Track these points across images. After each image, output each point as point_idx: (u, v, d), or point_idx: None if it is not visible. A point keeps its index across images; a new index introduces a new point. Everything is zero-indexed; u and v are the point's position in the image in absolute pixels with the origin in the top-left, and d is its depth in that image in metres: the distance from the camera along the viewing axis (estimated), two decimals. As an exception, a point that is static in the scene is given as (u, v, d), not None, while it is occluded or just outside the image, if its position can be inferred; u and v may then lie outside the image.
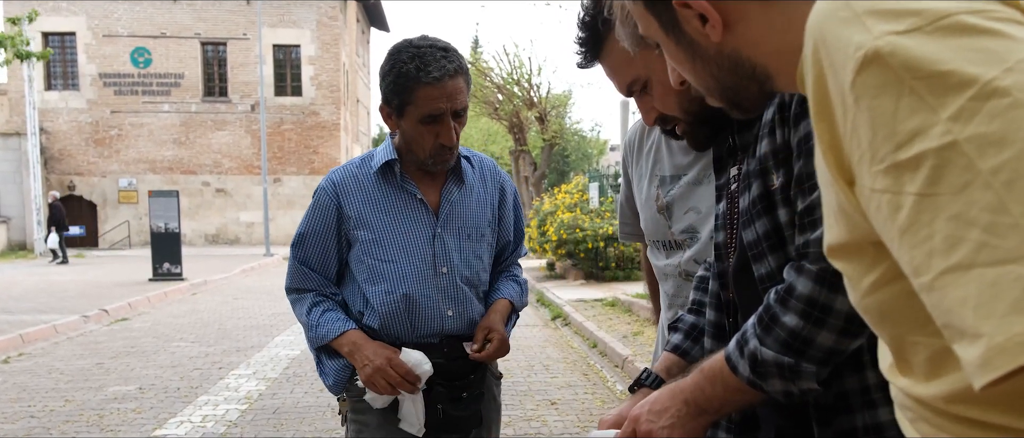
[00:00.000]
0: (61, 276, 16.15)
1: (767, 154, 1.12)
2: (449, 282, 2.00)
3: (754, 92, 0.86)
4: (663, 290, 1.93)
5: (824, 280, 1.00)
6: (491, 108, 22.02)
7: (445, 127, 1.88)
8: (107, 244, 27.40)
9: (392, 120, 1.93)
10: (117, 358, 7.64)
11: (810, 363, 1.03)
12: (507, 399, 5.71)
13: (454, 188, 2.04)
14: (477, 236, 2.06)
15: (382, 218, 1.98)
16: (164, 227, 15.02)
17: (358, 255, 1.99)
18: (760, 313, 1.07)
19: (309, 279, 2.03)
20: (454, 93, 1.86)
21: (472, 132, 32.14)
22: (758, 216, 1.14)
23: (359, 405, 2.01)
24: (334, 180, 2.02)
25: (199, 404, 5.80)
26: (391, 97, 1.88)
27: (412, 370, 1.90)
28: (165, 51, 27.73)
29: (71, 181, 27.55)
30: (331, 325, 1.98)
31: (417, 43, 1.87)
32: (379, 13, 37.54)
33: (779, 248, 1.12)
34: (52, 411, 5.67)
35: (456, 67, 1.87)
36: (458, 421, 1.99)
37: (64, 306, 10.98)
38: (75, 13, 27.17)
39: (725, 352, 1.11)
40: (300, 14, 28.33)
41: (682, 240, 1.82)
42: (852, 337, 1.02)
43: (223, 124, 28.22)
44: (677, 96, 1.25)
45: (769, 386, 1.06)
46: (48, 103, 27.13)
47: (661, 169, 1.88)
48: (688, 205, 1.81)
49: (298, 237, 2.04)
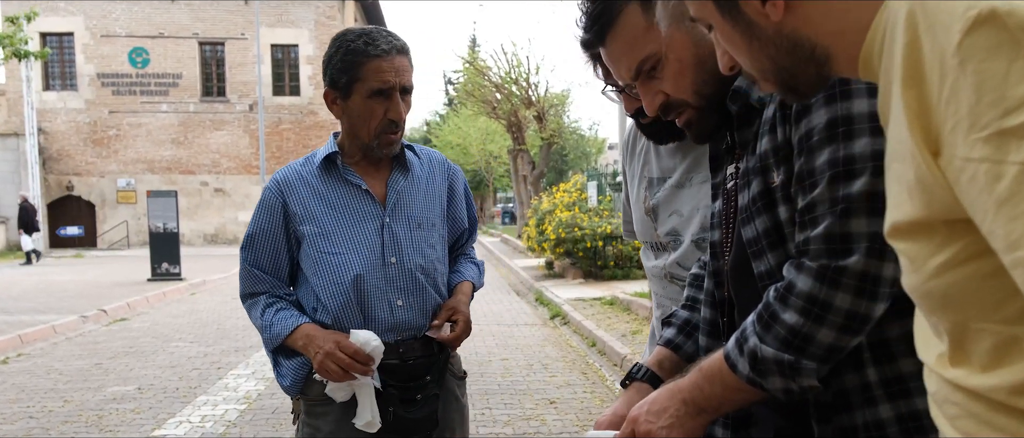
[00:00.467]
0: (60, 276, 16.14)
1: (768, 151, 1.12)
2: (398, 272, 1.97)
3: (812, 75, 0.83)
4: (653, 289, 1.95)
5: (824, 277, 1.01)
6: (489, 107, 22.01)
7: (394, 102, 1.90)
8: (106, 244, 27.36)
9: (338, 105, 1.94)
10: (116, 358, 7.64)
11: (810, 360, 1.03)
12: (507, 398, 5.71)
13: (400, 177, 2.03)
14: (428, 225, 2.04)
15: (327, 211, 1.97)
16: (163, 227, 15.00)
17: (306, 250, 1.97)
18: (760, 311, 1.07)
19: (261, 282, 2.02)
20: (401, 69, 1.89)
21: (471, 131, 32.12)
22: (758, 213, 1.14)
23: (315, 409, 1.98)
24: (278, 179, 2.01)
25: (198, 404, 5.80)
26: (339, 76, 1.90)
27: (361, 349, 1.86)
28: (163, 51, 27.69)
29: (69, 181, 27.52)
30: (284, 322, 1.96)
31: (361, 26, 1.94)
32: (377, 13, 37.51)
33: (779, 245, 1.13)
34: (51, 411, 5.67)
35: (402, 45, 1.90)
36: (409, 424, 1.95)
37: (63, 306, 10.97)
38: (73, 13, 27.13)
39: (724, 350, 1.11)
40: (298, 14, 28.31)
41: (667, 243, 1.83)
42: (853, 334, 1.02)
43: (221, 124, 28.20)
44: (693, 76, 1.21)
45: (769, 384, 1.06)
46: (46, 103, 27.09)
47: (649, 171, 1.89)
48: (672, 208, 1.82)
49: (247, 239, 2.02)
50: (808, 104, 1.05)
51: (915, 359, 1.03)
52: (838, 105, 1.02)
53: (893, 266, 0.99)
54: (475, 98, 22.18)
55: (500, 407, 5.53)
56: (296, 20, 28.39)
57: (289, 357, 1.99)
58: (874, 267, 0.99)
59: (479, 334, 8.50)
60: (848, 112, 1.01)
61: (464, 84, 24.36)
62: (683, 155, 1.83)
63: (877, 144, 0.98)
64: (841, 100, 1.02)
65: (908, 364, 1.05)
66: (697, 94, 1.22)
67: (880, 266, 0.99)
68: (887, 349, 1.07)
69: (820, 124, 1.03)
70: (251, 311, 2.05)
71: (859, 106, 1.01)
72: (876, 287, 1.00)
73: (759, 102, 1.15)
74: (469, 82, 22.84)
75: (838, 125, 1.02)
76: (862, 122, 1.00)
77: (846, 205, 1.00)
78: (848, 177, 1.00)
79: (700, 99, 1.23)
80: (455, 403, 2.09)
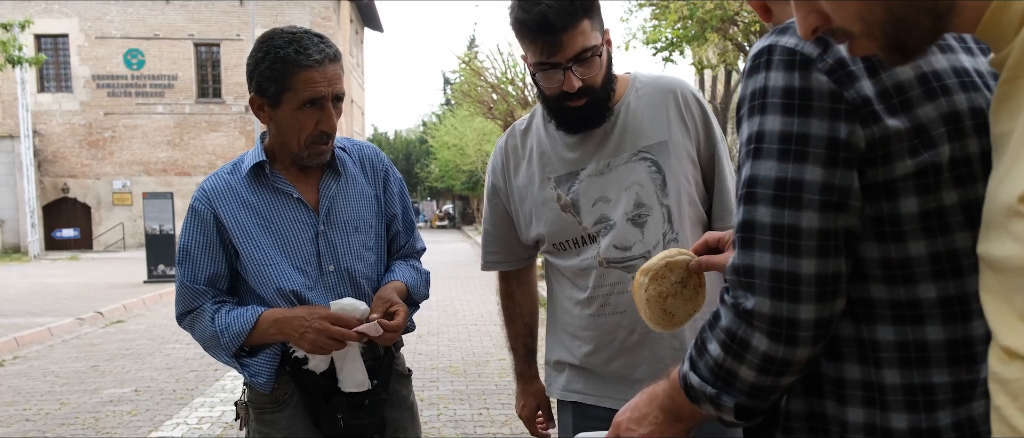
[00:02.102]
0: (56, 278, 16.09)
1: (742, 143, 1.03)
2: (338, 280, 1.91)
3: (927, 28, 0.74)
4: (572, 292, 1.88)
5: (739, 316, 0.94)
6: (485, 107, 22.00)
7: (326, 113, 1.80)
8: (102, 246, 27.30)
9: (265, 112, 1.83)
10: (112, 360, 7.62)
11: (733, 396, 0.97)
12: (504, 398, 5.71)
13: (332, 182, 1.94)
14: (365, 228, 1.97)
15: (259, 223, 1.88)
16: (159, 229, 14.97)
17: (243, 264, 1.89)
18: (698, 335, 1.03)
19: (201, 295, 1.90)
20: (334, 78, 1.79)
21: (467, 131, 32.11)
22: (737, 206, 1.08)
23: (264, 416, 1.90)
24: (206, 189, 1.91)
25: (195, 406, 5.79)
26: (266, 85, 1.78)
27: (351, 316, 1.80)
28: (158, 53, 27.64)
29: (65, 183, 27.45)
30: (243, 318, 1.85)
31: (289, 30, 1.79)
32: (372, 13, 37.47)
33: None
34: (47, 414, 5.66)
35: (334, 52, 1.80)
36: (358, 429, 1.90)
37: (59, 308, 10.94)
38: (68, 15, 27.07)
39: (680, 366, 1.07)
40: (293, 15, 28.27)
41: (596, 231, 1.81)
42: (777, 376, 0.94)
43: (217, 125, 28.15)
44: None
45: (703, 409, 1.02)
46: (41, 105, 27.03)
47: (552, 170, 1.86)
48: (595, 196, 1.81)
49: (181, 254, 1.90)
50: (739, 116, 0.97)
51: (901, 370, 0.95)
52: (756, 119, 0.93)
53: (814, 307, 0.90)
54: (471, 98, 22.16)
55: (498, 407, 5.52)
56: (291, 21, 28.32)
57: (254, 353, 1.88)
58: (786, 309, 0.90)
59: (476, 334, 8.50)
60: (761, 128, 0.92)
61: (460, 84, 24.34)
62: (585, 145, 1.82)
63: (782, 170, 0.89)
64: (759, 113, 0.93)
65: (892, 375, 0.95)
66: (862, 21, 0.98)
67: (795, 308, 0.90)
68: (817, 385, 0.99)
69: (742, 137, 0.96)
70: (194, 326, 1.91)
71: (771, 124, 0.91)
72: (793, 331, 0.91)
73: None
74: (465, 82, 22.83)
75: (751, 141, 0.94)
76: (771, 142, 0.91)
77: (748, 234, 0.92)
78: (750, 201, 0.92)
79: (877, 29, 0.97)
80: (401, 403, 2.04)
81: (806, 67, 0.91)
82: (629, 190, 1.78)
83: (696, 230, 1.80)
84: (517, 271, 2.08)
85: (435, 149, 38.43)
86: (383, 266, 2.04)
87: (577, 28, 1.65)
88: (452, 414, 5.35)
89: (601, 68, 1.73)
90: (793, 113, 0.90)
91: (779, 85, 0.92)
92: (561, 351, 1.93)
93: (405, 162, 47.77)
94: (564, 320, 1.92)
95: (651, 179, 1.78)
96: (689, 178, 1.79)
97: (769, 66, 0.93)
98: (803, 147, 0.89)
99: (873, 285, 0.93)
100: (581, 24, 1.66)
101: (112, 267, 18.99)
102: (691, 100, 1.83)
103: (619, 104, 1.82)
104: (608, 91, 1.77)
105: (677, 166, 1.78)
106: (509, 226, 1.99)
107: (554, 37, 1.65)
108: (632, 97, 1.83)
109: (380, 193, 2.03)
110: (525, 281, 2.10)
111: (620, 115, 1.81)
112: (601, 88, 1.74)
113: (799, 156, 0.89)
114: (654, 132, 1.79)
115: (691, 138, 1.80)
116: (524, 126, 1.96)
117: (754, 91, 0.94)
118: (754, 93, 0.94)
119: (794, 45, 0.93)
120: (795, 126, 0.90)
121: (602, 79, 1.74)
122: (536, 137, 1.91)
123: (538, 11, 1.64)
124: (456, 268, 12.58)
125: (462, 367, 6.91)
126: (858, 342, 0.95)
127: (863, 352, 0.95)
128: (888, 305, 0.93)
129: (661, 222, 1.77)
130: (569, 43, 1.66)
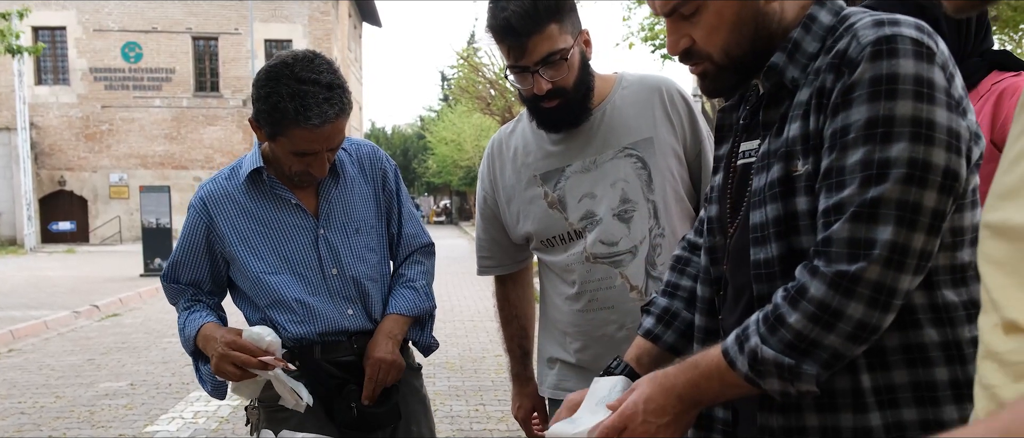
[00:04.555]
0: (52, 271, 16.06)
1: (797, 137, 1.09)
2: (342, 282, 1.91)
3: None
4: (561, 288, 1.90)
5: (839, 285, 0.99)
6: (483, 103, 21.98)
7: (318, 161, 1.78)
8: (98, 239, 27.25)
9: (262, 133, 1.81)
10: (108, 354, 7.61)
11: (812, 365, 1.02)
12: (501, 395, 5.71)
13: (331, 184, 1.93)
14: (366, 228, 1.96)
15: (258, 229, 1.88)
16: (155, 222, 14.94)
17: (243, 272, 1.89)
18: (767, 312, 1.05)
19: (178, 292, 1.97)
20: (333, 135, 1.75)
21: (465, 127, 32.10)
22: (772, 199, 1.10)
23: (276, 416, 1.89)
24: (204, 197, 1.91)
25: (191, 400, 5.78)
26: (262, 121, 1.76)
27: (256, 345, 1.75)
28: (156, 46, 27.57)
29: (61, 176, 27.39)
30: (192, 324, 1.87)
31: (300, 76, 1.69)
32: (371, 8, 37.41)
33: (786, 236, 1.09)
34: (43, 407, 5.65)
35: (338, 110, 1.72)
36: (374, 418, 1.91)
37: (54, 302, 10.92)
38: (65, 7, 26.99)
39: (722, 347, 1.09)
40: (292, 9, 28.21)
41: (582, 227, 1.83)
42: (860, 343, 1.01)
43: (215, 119, 28.10)
44: (727, 35, 1.15)
45: (767, 385, 1.04)
46: (38, 98, 26.95)
47: (536, 168, 1.89)
48: (581, 192, 1.83)
49: (170, 267, 1.95)
50: (849, 98, 1.01)
51: (909, 370, 1.04)
52: (881, 104, 0.98)
53: (910, 278, 0.98)
54: (470, 94, 22.14)
55: (494, 403, 5.52)
56: (290, 15, 28.29)
57: (206, 360, 1.88)
58: (891, 278, 0.97)
59: (473, 331, 8.50)
60: (891, 113, 0.98)
61: (459, 80, 24.31)
62: (570, 143, 1.85)
63: (915, 151, 0.97)
64: (885, 99, 0.98)
65: (901, 375, 1.05)
66: (724, 53, 1.16)
67: (898, 278, 0.97)
68: (883, 358, 1.06)
69: (859, 121, 1.00)
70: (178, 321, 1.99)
71: (903, 109, 0.98)
72: (891, 298, 0.98)
73: (792, 83, 1.12)
74: (464, 78, 22.81)
75: (878, 125, 0.98)
76: (903, 126, 0.97)
77: (873, 210, 0.98)
78: (880, 181, 0.98)
79: (725, 58, 1.16)
80: (415, 395, 2.07)
81: (931, 59, 0.99)
82: (615, 186, 1.81)
83: (685, 224, 1.83)
84: (513, 274, 2.10)
85: (433, 145, 38.40)
86: (387, 265, 2.05)
87: (542, 33, 1.68)
88: (448, 410, 5.35)
89: (571, 71, 1.75)
90: (922, 100, 0.98)
91: (909, 73, 0.98)
92: (555, 348, 1.95)
93: (403, 157, 47.74)
94: (555, 317, 1.94)
95: (637, 175, 1.81)
96: (675, 174, 1.82)
97: (894, 54, 0.99)
98: (931, 132, 0.97)
99: None
100: (546, 29, 1.68)
101: (108, 260, 18.96)
102: (677, 97, 1.87)
103: (605, 102, 1.85)
104: (583, 92, 1.79)
105: (663, 162, 1.81)
106: (501, 230, 2.01)
107: (518, 41, 1.68)
108: (618, 95, 1.86)
109: (379, 191, 2.03)
110: (521, 283, 2.12)
111: (606, 113, 1.84)
112: (573, 90, 1.76)
113: (928, 140, 0.97)
114: (639, 129, 1.82)
115: (677, 135, 1.84)
116: (510, 130, 1.99)
117: (876, 76, 0.99)
118: (876, 79, 0.99)
119: (917, 36, 1.00)
120: (924, 112, 0.98)
121: (574, 81, 1.76)
122: (522, 137, 1.94)
123: (503, 17, 1.68)
124: (453, 264, 12.57)
125: (459, 363, 6.91)
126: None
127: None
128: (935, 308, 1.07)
129: (647, 217, 1.80)
130: (533, 48, 1.69)
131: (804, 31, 1.12)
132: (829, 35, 1.10)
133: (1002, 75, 1.75)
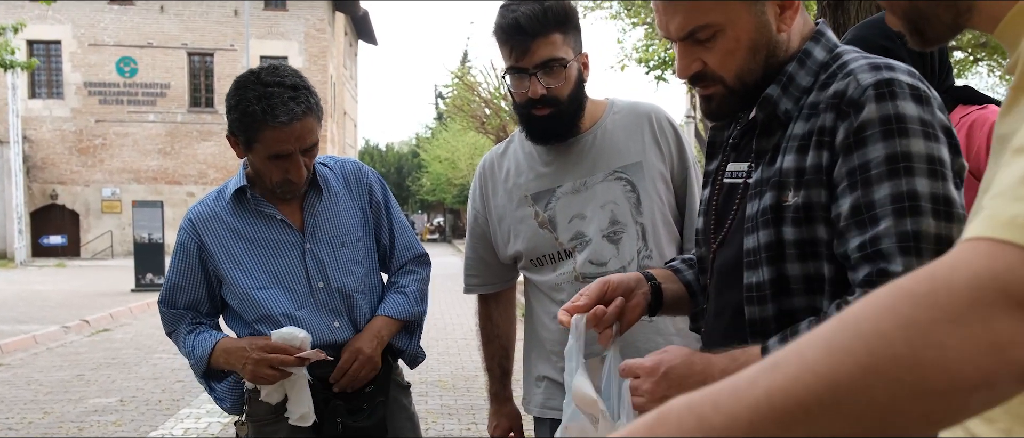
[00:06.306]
0: (42, 285, 15.97)
1: (790, 169, 1.12)
2: (329, 295, 1.95)
3: (946, 21, 0.78)
4: (550, 308, 1.91)
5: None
6: (478, 122, 22.05)
7: (294, 164, 1.84)
8: (89, 254, 27.12)
9: (239, 149, 1.89)
10: (98, 370, 7.55)
11: None
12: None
13: (315, 199, 1.98)
14: (351, 242, 2.00)
15: (246, 248, 1.94)
16: (148, 237, 14.89)
17: (232, 289, 1.94)
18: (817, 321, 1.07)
19: (178, 318, 2.01)
20: (303, 134, 1.81)
21: (459, 146, 32.16)
22: (764, 226, 1.14)
23: (266, 429, 1.94)
24: (192, 218, 1.98)
25: (181, 417, 5.74)
26: (238, 132, 1.84)
27: (289, 345, 1.83)
28: (151, 61, 27.61)
29: (54, 190, 27.30)
30: (204, 344, 1.93)
31: (265, 80, 1.80)
32: (367, 26, 37.57)
33: (776, 262, 1.13)
34: (31, 423, 5.59)
35: (305, 108, 1.80)
36: (359, 433, 1.95)
37: (44, 316, 10.84)
38: (61, 21, 27.00)
39: (764, 345, 1.09)
40: (288, 26, 28.31)
41: (572, 247, 1.88)
42: None
43: (209, 134, 28.09)
44: (742, 60, 1.17)
45: None
46: (32, 111, 26.91)
47: (527, 189, 1.93)
48: (572, 213, 1.88)
49: (167, 292, 2.00)
50: (862, 137, 1.06)
51: None
52: (896, 142, 1.03)
53: None
54: (464, 113, 22.23)
55: (486, 422, 5.49)
56: (286, 32, 28.39)
57: (219, 378, 1.98)
58: None
59: (466, 349, 8.47)
60: (907, 150, 1.03)
61: (453, 99, 24.40)
62: (561, 164, 1.90)
63: (936, 188, 1.02)
64: (899, 137, 1.03)
65: None
66: (737, 78, 1.18)
67: None
68: None
69: (878, 157, 1.04)
70: (177, 343, 2.03)
71: (917, 146, 1.03)
72: None
73: (785, 114, 1.16)
74: (458, 97, 22.90)
75: (899, 160, 1.03)
76: (920, 162, 1.02)
77: (917, 244, 1.01)
78: (915, 213, 1.02)
79: (738, 83, 1.19)
80: (403, 412, 2.09)
81: (929, 102, 1.06)
82: (604, 208, 1.86)
83: (671, 248, 1.89)
84: (497, 293, 2.12)
85: (427, 163, 38.45)
86: (377, 277, 2.08)
87: (547, 38, 1.75)
88: (441, 429, 5.33)
89: (567, 82, 1.80)
90: (931, 139, 1.05)
91: (914, 114, 1.04)
92: (544, 366, 1.97)
93: (397, 175, 47.76)
94: (543, 336, 1.96)
95: (626, 198, 1.86)
96: (663, 198, 1.89)
97: (895, 96, 1.05)
98: (943, 169, 1.04)
99: None
100: (551, 35, 1.76)
101: (99, 275, 18.86)
102: (665, 125, 1.94)
103: (596, 126, 1.91)
104: (575, 107, 1.85)
105: (651, 186, 1.87)
106: (489, 249, 2.04)
107: (523, 40, 1.75)
108: (609, 120, 1.92)
109: (366, 205, 2.06)
110: (504, 303, 2.15)
111: (597, 136, 1.90)
112: (566, 102, 1.82)
113: (943, 177, 1.04)
114: (629, 153, 1.88)
115: (665, 161, 1.90)
116: (501, 151, 2.04)
117: (885, 116, 1.05)
118: (885, 118, 1.05)
119: (913, 82, 1.07)
120: (934, 151, 1.04)
121: (568, 93, 1.82)
122: (514, 158, 1.98)
123: (513, 17, 1.75)
124: (446, 281, 12.53)
125: (451, 382, 6.88)
126: None
127: None
128: None
129: (636, 239, 1.85)
130: (536, 49, 1.75)
131: (799, 65, 1.17)
132: (822, 71, 1.15)
133: (968, 108, 1.92)
